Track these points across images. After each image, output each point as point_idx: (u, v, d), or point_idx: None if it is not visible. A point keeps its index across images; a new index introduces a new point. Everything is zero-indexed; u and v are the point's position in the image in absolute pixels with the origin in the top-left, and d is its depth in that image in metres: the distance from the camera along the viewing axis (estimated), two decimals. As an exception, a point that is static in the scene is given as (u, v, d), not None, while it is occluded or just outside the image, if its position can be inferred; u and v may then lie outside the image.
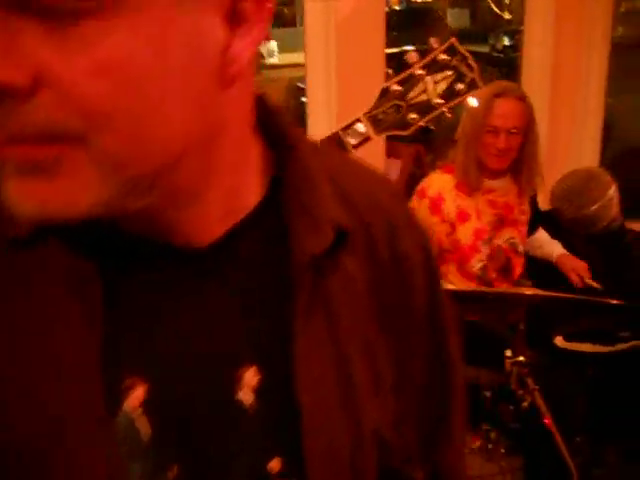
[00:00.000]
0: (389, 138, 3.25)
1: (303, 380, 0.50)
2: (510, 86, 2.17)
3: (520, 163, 2.20)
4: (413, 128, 1.21)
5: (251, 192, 0.52)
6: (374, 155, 2.48)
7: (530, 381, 1.53)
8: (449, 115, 1.21)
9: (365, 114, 1.20)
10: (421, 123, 1.20)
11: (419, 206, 2.18)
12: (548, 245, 2.49)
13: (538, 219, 2.49)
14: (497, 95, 2.10)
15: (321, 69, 2.40)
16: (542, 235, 2.52)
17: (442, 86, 1.19)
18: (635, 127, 5.71)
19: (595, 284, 2.26)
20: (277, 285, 0.51)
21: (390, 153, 3.12)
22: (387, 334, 0.57)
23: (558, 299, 1.69)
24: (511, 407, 1.79)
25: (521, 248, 2.31)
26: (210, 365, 0.49)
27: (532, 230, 2.48)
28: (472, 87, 1.20)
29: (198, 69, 0.41)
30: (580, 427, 1.94)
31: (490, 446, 1.90)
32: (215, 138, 0.45)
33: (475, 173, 2.15)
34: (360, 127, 1.20)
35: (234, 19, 0.42)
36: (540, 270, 2.42)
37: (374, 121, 1.20)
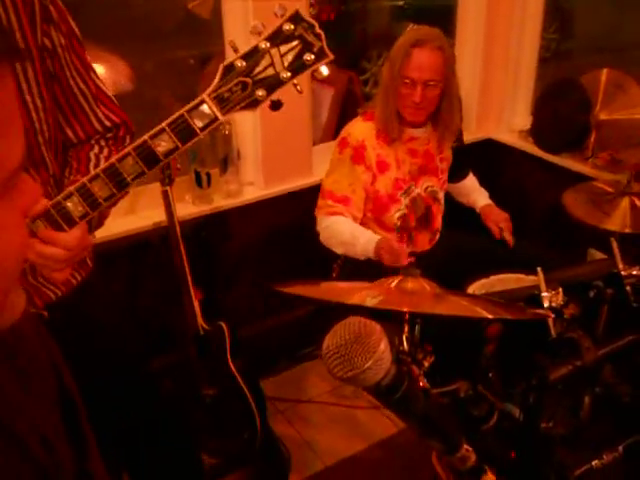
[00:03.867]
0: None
1: None
2: (429, 34, 2.04)
3: (439, 114, 2.16)
4: (261, 105, 1.12)
5: None
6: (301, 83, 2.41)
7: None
8: (299, 89, 1.12)
9: (209, 94, 1.10)
10: (271, 98, 1.12)
11: (342, 156, 2.14)
12: (474, 193, 2.50)
13: (466, 165, 2.50)
14: (414, 45, 2.01)
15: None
16: (470, 182, 2.52)
17: (289, 58, 1.10)
18: (594, 20, 5.72)
19: (509, 238, 2.30)
20: None
21: (322, 80, 3.08)
22: None
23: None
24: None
25: (440, 195, 2.32)
26: None
27: (460, 176, 2.49)
28: (321, 56, 1.10)
29: None
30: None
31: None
32: None
33: (394, 124, 2.10)
34: (205, 108, 1.10)
35: None
36: (462, 216, 2.46)
37: (220, 101, 1.10)
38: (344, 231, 2.10)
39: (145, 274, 2.33)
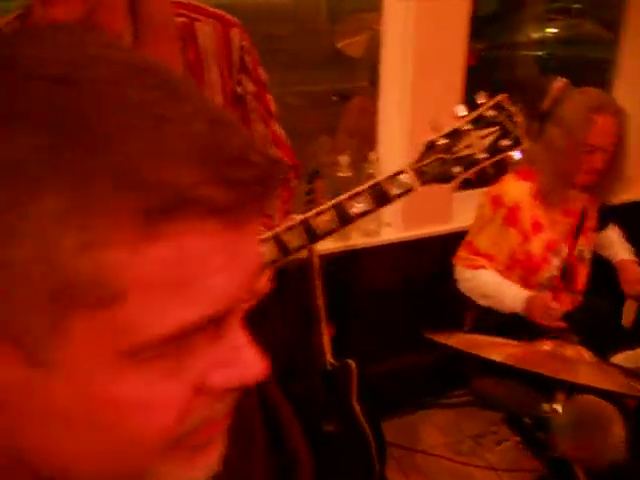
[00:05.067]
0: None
1: None
2: (605, 98, 2.04)
3: (602, 176, 2.09)
4: (456, 180, 1.22)
5: None
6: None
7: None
8: (491, 170, 1.23)
9: (410, 166, 1.21)
10: (465, 176, 1.22)
11: (495, 215, 2.10)
12: (616, 246, 2.41)
13: (609, 216, 2.40)
14: (594, 111, 1.98)
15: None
16: (613, 234, 2.43)
17: (487, 141, 1.20)
18: None
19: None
20: None
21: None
22: None
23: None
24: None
25: (587, 255, 2.25)
26: None
27: (602, 227, 2.40)
28: (517, 144, 1.21)
29: None
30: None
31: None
32: None
33: (562, 190, 2.08)
34: (404, 178, 1.20)
35: None
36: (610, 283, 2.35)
37: (418, 173, 1.20)
38: (488, 283, 2.08)
39: (277, 302, 2.36)
